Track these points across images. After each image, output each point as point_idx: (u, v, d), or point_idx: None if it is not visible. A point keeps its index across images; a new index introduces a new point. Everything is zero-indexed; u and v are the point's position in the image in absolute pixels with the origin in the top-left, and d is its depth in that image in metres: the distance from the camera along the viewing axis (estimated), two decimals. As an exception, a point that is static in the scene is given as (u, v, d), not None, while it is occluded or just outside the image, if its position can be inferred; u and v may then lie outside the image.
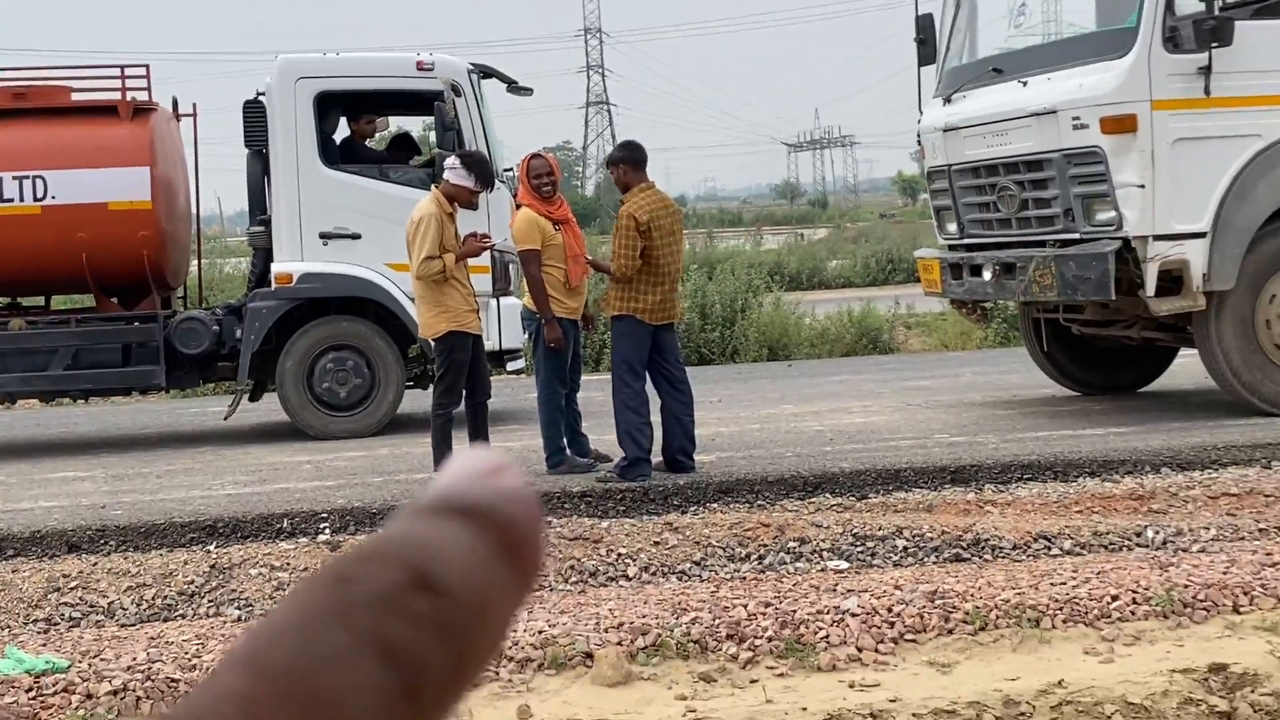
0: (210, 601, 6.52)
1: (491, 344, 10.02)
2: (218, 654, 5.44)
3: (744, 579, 6.43)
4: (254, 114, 11.02)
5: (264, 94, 10.94)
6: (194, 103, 11.87)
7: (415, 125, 16.52)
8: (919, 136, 10.74)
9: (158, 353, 10.78)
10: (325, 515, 7.59)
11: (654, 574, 6.65)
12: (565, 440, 8.38)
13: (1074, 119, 9.02)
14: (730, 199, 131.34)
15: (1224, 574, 5.80)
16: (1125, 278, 8.91)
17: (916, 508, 7.39)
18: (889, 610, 5.53)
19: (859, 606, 5.56)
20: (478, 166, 7.97)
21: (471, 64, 11.12)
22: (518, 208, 8.68)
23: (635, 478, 7.95)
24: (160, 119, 11.16)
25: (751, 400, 11.71)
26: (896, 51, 14.15)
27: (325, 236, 10.69)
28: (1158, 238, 8.86)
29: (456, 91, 10.55)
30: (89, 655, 5.57)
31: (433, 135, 11.88)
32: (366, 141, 11.43)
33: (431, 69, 10.69)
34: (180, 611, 6.45)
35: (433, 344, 8.12)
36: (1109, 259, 8.79)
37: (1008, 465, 8.14)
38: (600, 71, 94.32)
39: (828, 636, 5.36)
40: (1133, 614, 5.48)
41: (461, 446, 7.94)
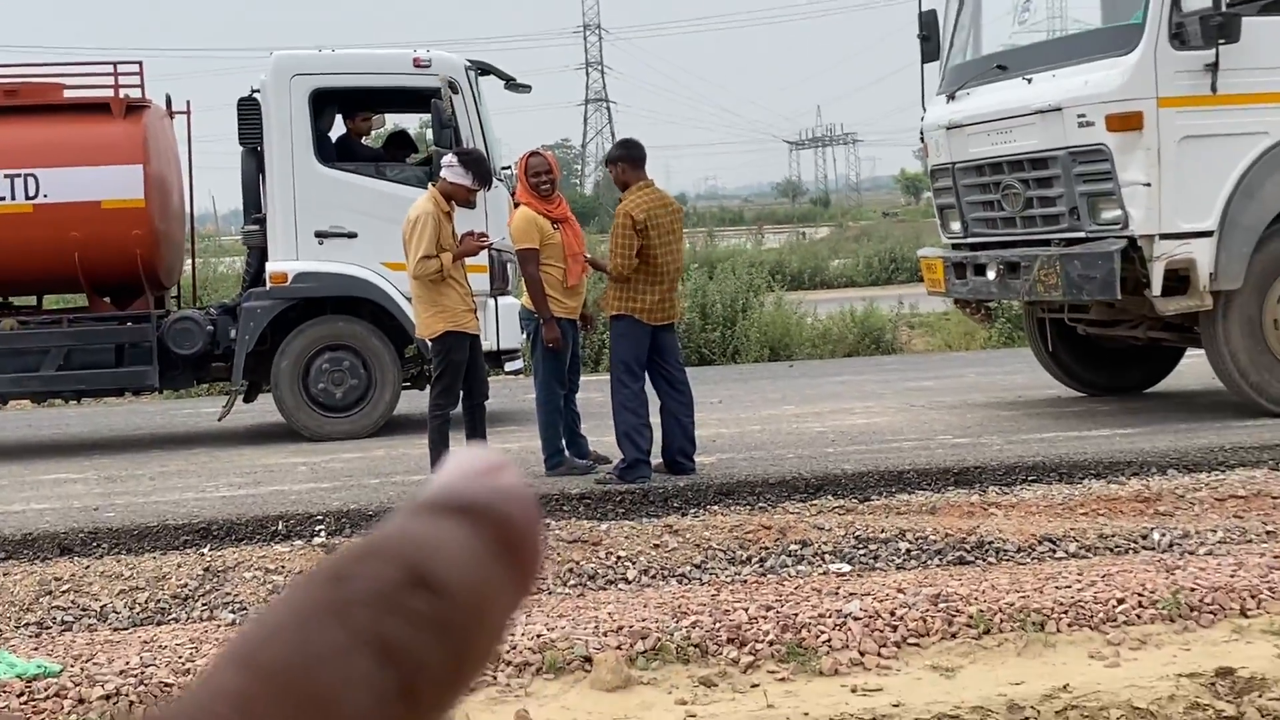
0: (204, 605, 6.47)
1: (489, 344, 9.96)
2: (212, 658, 5.36)
3: (745, 582, 6.37)
4: (248, 111, 10.95)
5: (259, 91, 10.87)
6: (187, 100, 11.84)
7: (412, 123, 16.51)
8: (922, 134, 10.68)
9: (151, 353, 10.71)
10: (321, 518, 7.56)
11: (654, 577, 6.59)
12: (564, 441, 8.32)
13: (1079, 116, 8.95)
14: (731, 197, 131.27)
15: (1231, 577, 5.74)
16: (1131, 277, 8.84)
17: (919, 510, 7.34)
18: (892, 614, 5.47)
19: (861, 610, 5.50)
20: (475, 164, 7.89)
21: (469, 60, 11.05)
22: (516, 206, 8.62)
23: (634, 479, 7.88)
24: (153, 116, 11.10)
25: (752, 401, 11.64)
26: (899, 48, 14.08)
27: (321, 235, 10.61)
28: (1164, 236, 8.80)
29: (454, 88, 10.48)
30: (81, 659, 5.51)
31: (430, 133, 11.79)
32: (363, 139, 11.36)
33: (429, 65, 10.61)
34: (174, 615, 6.40)
35: (430, 344, 8.05)
36: (1114, 258, 8.73)
37: (1012, 467, 8.10)
38: (599, 68, 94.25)
39: (830, 640, 5.31)
40: (1139, 617, 5.42)
41: (459, 448, 7.86)
